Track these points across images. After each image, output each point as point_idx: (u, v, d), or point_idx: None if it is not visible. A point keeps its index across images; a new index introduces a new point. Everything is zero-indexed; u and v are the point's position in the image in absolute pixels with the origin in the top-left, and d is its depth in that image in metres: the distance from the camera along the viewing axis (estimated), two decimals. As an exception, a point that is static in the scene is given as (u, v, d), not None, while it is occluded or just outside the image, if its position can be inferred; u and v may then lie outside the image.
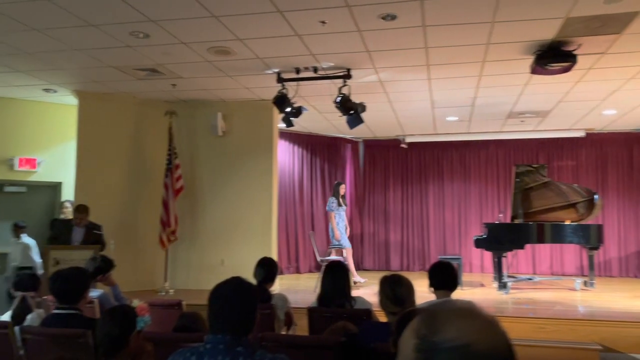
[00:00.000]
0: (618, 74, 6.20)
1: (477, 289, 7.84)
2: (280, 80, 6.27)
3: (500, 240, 7.56)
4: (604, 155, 9.89)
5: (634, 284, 8.73)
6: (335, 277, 3.55)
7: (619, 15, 4.50)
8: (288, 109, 6.40)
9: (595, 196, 7.82)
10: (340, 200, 8.22)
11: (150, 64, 6.06)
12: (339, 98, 6.21)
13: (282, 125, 7.03)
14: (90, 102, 7.23)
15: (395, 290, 2.64)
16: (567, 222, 7.74)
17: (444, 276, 3.34)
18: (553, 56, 5.25)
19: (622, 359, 4.99)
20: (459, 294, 3.52)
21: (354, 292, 3.66)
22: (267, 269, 3.81)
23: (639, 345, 5.05)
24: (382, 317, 3.00)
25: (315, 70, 6.16)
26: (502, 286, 7.38)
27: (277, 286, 7.71)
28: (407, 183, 10.77)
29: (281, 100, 6.27)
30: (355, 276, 7.96)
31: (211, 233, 7.69)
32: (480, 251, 9.50)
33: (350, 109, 6.33)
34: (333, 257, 8.14)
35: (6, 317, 3.40)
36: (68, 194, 7.51)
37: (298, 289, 7.85)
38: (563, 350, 4.87)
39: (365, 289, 7.36)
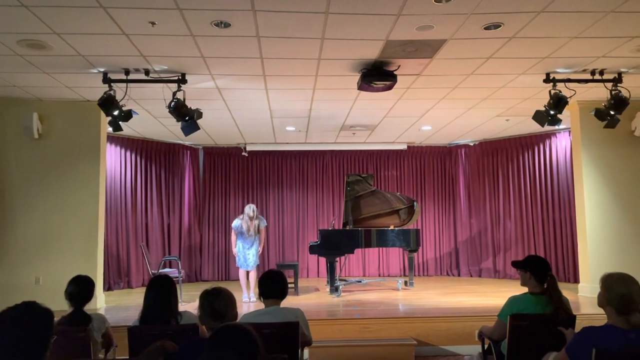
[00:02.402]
0: (431, 94, 6.95)
1: (311, 294, 8.12)
2: (107, 80, 5.81)
3: (332, 245, 7.93)
4: (422, 166, 11.03)
5: (447, 281, 9.83)
6: (160, 291, 3.35)
7: (430, 41, 5.05)
8: (115, 112, 5.94)
9: (415, 203, 8.67)
10: (245, 220, 7.41)
11: (-57, 53, 5.18)
12: (173, 103, 5.96)
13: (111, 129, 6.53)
14: None
15: (213, 304, 2.56)
16: (392, 227, 8.43)
17: (272, 285, 3.38)
18: (377, 75, 5.69)
19: (433, 352, 5.55)
20: (290, 301, 3.58)
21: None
22: (81, 288, 3.46)
23: (448, 338, 5.65)
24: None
25: (147, 72, 5.83)
26: (334, 290, 7.75)
27: (104, 303, 7.14)
28: (247, 191, 10.78)
29: (107, 103, 5.80)
30: (245, 293, 7.41)
31: (24, 248, 6.80)
32: (317, 256, 9.88)
33: (185, 115, 6.12)
34: (167, 269, 7.78)
35: None
36: None
37: (130, 304, 7.33)
38: (384, 348, 5.27)
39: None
